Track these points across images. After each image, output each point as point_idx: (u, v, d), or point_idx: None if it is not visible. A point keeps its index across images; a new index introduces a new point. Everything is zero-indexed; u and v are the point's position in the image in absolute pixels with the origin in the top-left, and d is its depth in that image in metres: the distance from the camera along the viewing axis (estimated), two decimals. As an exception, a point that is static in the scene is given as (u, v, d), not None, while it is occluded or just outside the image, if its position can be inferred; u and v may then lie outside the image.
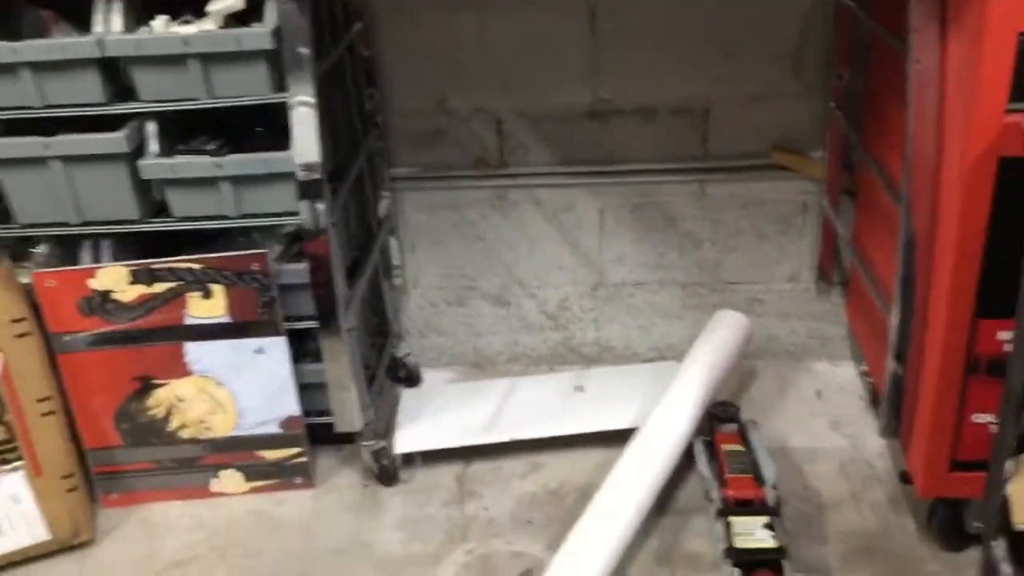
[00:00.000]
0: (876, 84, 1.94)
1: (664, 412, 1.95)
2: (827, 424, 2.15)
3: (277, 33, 1.66)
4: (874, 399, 2.14)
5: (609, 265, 2.30)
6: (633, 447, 1.89)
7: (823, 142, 2.10)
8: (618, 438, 2.00)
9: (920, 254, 1.60)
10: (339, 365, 1.84)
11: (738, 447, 1.92)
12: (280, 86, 1.71)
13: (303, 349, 1.99)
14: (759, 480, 1.82)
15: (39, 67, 1.69)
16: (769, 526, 1.73)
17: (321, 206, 1.68)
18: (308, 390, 1.97)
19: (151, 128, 1.77)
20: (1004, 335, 1.54)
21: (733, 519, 1.75)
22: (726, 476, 1.83)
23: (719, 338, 2.11)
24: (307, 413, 1.99)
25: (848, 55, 2.00)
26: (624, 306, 2.35)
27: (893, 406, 1.78)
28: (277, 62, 1.69)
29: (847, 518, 1.87)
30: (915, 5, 1.45)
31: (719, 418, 1.99)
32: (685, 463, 1.94)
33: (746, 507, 1.78)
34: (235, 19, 1.72)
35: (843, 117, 2.02)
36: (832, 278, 2.26)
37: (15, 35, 1.75)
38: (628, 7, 2.01)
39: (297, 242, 2.01)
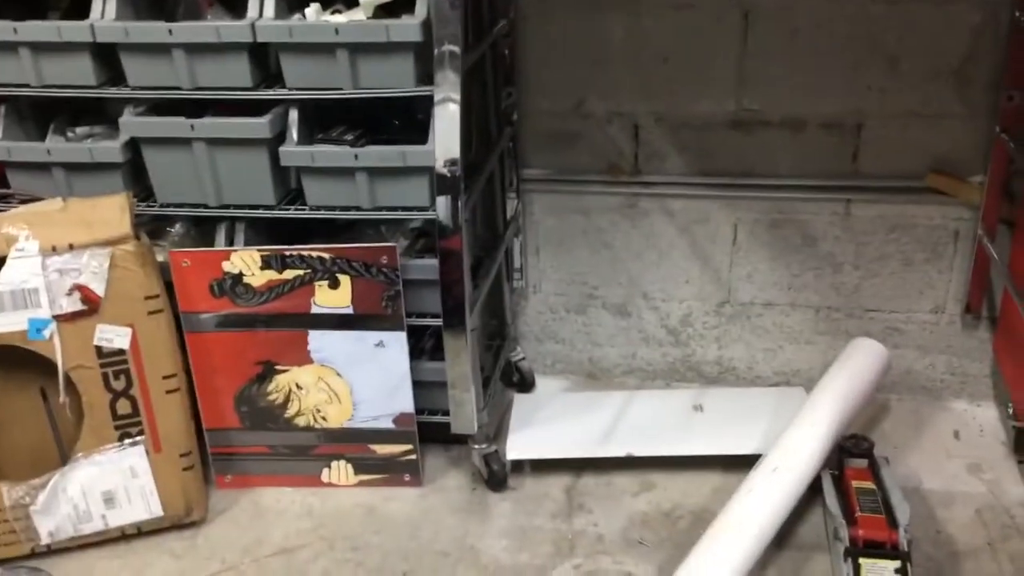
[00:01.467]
0: (1052, 108, 1.81)
1: (793, 438, 1.85)
2: (964, 467, 2.01)
3: (426, 26, 1.64)
4: (1018, 445, 2.00)
5: (738, 282, 2.22)
6: (758, 473, 1.80)
7: (984, 166, 1.97)
8: (736, 463, 1.93)
9: (1096, 295, 1.47)
10: (461, 365, 1.81)
11: (869, 484, 1.81)
12: (424, 80, 1.69)
13: (417, 346, 1.97)
14: (891, 521, 1.71)
15: (192, 48, 1.72)
16: (901, 571, 1.62)
17: (459, 203, 1.65)
18: (419, 387, 1.95)
19: (293, 115, 1.78)
20: None
21: (863, 561, 1.65)
22: (856, 515, 1.73)
23: (856, 366, 2.00)
24: (418, 411, 1.97)
25: (1021, 75, 1.87)
26: (750, 326, 2.26)
27: (1047, 456, 1.65)
28: (423, 55, 1.67)
29: (983, 569, 1.75)
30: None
31: (850, 452, 1.88)
32: (808, 496, 1.85)
33: (877, 549, 1.67)
34: (385, 11, 1.71)
35: (1010, 141, 1.89)
36: (980, 312, 2.12)
37: (170, 16, 1.78)
38: (784, 11, 1.93)
39: (422, 238, 1.99)
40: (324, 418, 1.96)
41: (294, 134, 1.79)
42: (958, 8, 1.87)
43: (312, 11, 1.72)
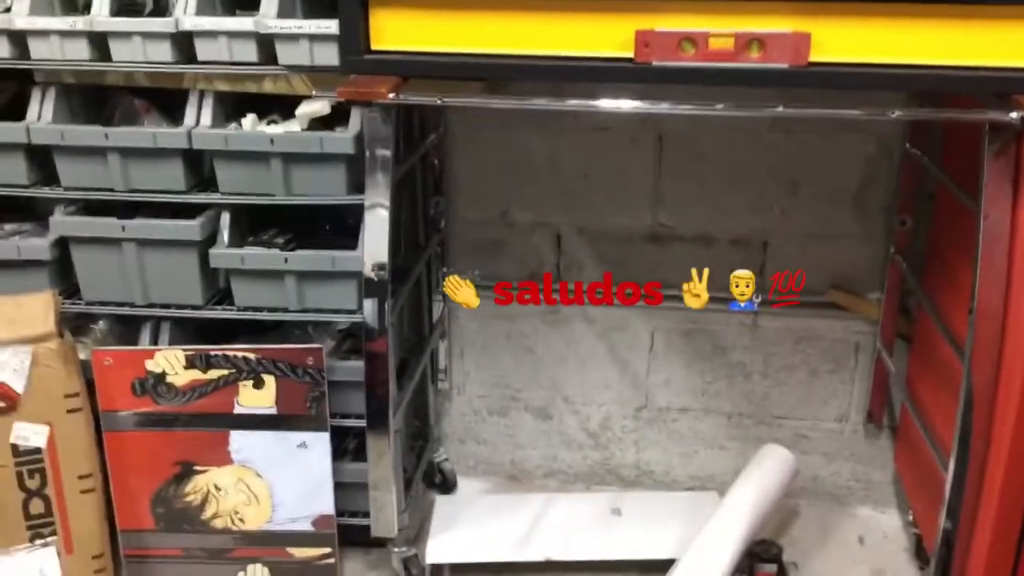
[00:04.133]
0: (940, 233, 1.95)
1: (705, 545, 1.90)
2: (868, 573, 2.08)
3: (359, 139, 1.71)
4: (919, 551, 2.08)
5: (655, 388, 2.29)
6: (672, 578, 1.84)
7: (881, 284, 2.10)
8: (652, 567, 1.96)
9: (979, 410, 1.57)
10: (383, 467, 1.82)
11: (778, 589, 1.87)
12: (355, 188, 1.76)
13: (340, 447, 1.99)
14: (799, 626, 1.76)
15: (127, 152, 1.76)
16: (807, 676, 1.66)
17: (385, 306, 1.69)
18: (340, 489, 1.95)
19: (225, 218, 1.82)
20: (1065, 501, 1.52)
21: (771, 666, 1.69)
22: (766, 619, 1.78)
23: (764, 474, 2.07)
24: (338, 513, 1.97)
25: (912, 202, 2.02)
26: (667, 431, 2.33)
27: (942, 564, 1.72)
28: (355, 166, 1.74)
29: (887, 675, 1.80)
30: (988, 162, 1.46)
31: (760, 557, 1.94)
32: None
33: (785, 655, 1.72)
34: (320, 122, 1.78)
35: (903, 262, 2.03)
36: (881, 422, 2.23)
37: (108, 120, 1.82)
38: (694, 136, 2.06)
39: (349, 339, 2.03)
40: (242, 520, 1.94)
41: (225, 237, 1.82)
42: (853, 138, 2.02)
43: (249, 121, 1.78)
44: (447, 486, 2.34)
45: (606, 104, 1.56)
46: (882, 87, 1.50)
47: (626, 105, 1.55)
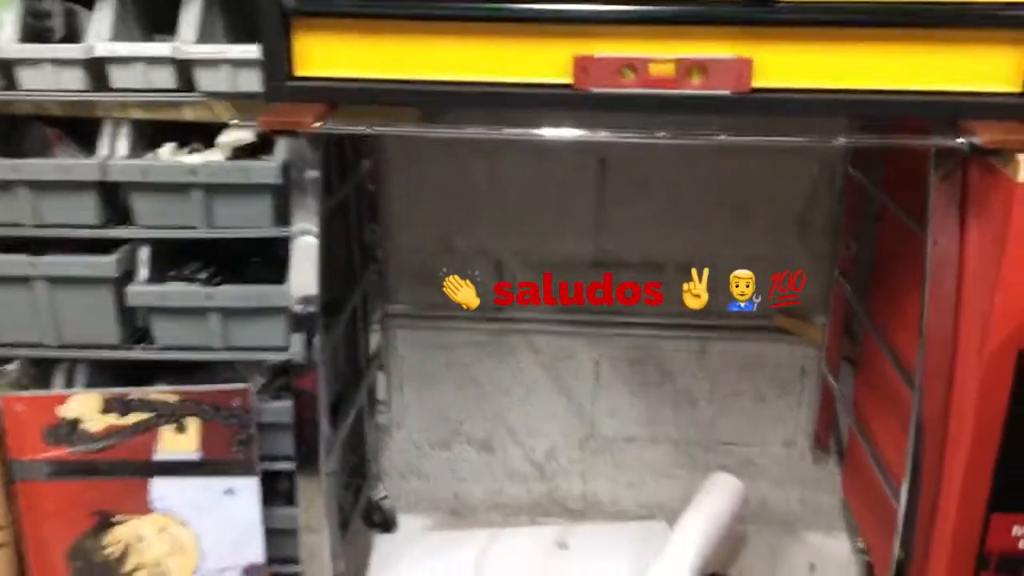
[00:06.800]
0: (885, 255, 1.93)
1: (656, 580, 1.85)
2: (821, 602, 2.06)
3: (285, 168, 1.63)
4: (870, 577, 2.05)
5: (601, 417, 2.24)
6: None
7: (826, 308, 2.07)
8: (602, 604, 1.91)
9: (930, 438, 1.54)
10: (314, 511, 1.73)
11: (730, 624, 1.82)
12: (282, 220, 1.67)
13: (273, 490, 1.89)
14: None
15: (37, 186, 1.65)
16: None
17: (314, 341, 1.61)
18: (274, 535, 1.85)
19: (143, 254, 1.72)
20: (1019, 530, 1.50)
21: None
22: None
23: (713, 503, 2.03)
24: (270, 560, 1.86)
25: (856, 224, 2.00)
26: (613, 461, 2.27)
27: (896, 593, 1.69)
28: (282, 196, 1.65)
29: None
30: (935, 188, 1.43)
31: (712, 591, 1.90)
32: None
33: None
34: (244, 151, 1.69)
35: (848, 286, 2.01)
36: (828, 446, 2.20)
37: (17, 150, 1.71)
38: (637, 161, 2.02)
39: (280, 376, 1.93)
40: (166, 572, 1.82)
41: (144, 273, 1.72)
42: (796, 160, 2.00)
43: (166, 151, 1.68)
44: (387, 525, 2.26)
45: (545, 133, 1.50)
46: (826, 113, 1.46)
47: (565, 134, 1.49)
